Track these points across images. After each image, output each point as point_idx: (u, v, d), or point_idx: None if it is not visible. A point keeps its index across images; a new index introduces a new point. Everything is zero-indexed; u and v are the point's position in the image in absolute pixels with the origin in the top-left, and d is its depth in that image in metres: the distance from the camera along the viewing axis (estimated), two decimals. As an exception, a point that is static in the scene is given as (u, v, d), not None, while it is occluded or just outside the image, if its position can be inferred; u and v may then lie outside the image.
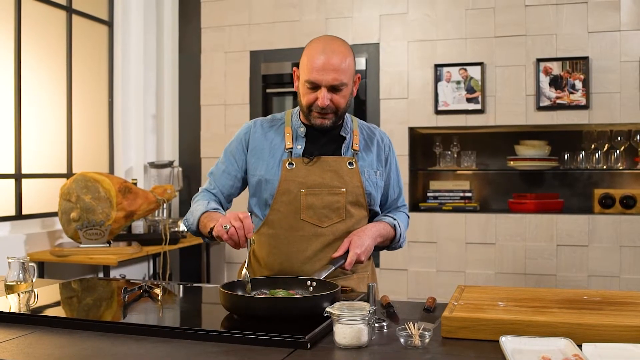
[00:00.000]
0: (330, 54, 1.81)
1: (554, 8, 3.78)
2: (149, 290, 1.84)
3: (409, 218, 2.15)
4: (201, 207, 1.90)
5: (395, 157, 2.08)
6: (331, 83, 1.81)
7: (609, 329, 1.32)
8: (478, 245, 3.86)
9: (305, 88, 1.85)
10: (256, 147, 1.96)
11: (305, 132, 1.94)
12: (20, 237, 3.41)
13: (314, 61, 1.81)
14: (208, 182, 2.04)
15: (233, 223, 1.65)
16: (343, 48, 1.85)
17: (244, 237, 1.65)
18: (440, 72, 3.96)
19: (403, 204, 2.12)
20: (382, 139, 2.04)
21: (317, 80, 1.81)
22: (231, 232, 1.64)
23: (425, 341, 1.33)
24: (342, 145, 1.95)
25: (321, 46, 1.83)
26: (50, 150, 3.79)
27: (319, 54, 1.81)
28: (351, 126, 1.99)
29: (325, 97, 1.82)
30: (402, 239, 2.03)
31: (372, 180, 1.96)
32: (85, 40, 4.07)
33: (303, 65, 1.86)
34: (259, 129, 1.98)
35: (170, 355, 1.28)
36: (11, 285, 1.84)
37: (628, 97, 3.68)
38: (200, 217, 1.87)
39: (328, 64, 1.80)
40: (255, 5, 4.30)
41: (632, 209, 3.77)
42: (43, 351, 1.31)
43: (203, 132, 4.44)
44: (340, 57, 1.82)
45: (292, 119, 1.98)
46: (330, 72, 1.80)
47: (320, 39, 1.87)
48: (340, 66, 1.81)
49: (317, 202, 1.88)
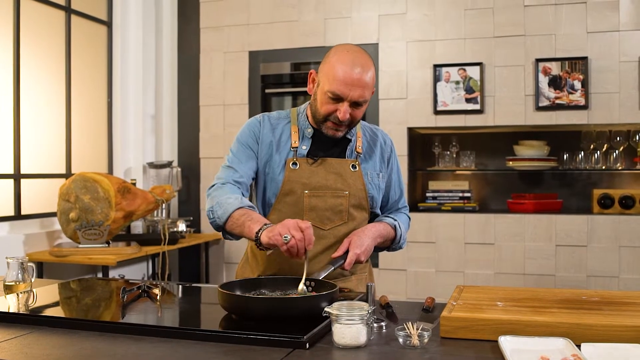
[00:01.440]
0: (360, 68, 1.75)
1: (553, 8, 3.78)
2: (148, 291, 1.84)
3: (410, 219, 2.14)
4: (234, 200, 1.77)
5: (396, 158, 2.07)
6: (356, 99, 1.77)
7: (608, 329, 1.32)
8: (477, 245, 3.86)
9: (326, 97, 1.78)
10: (265, 141, 1.92)
11: (312, 133, 1.92)
12: (19, 237, 3.41)
13: (341, 73, 1.74)
14: (231, 171, 1.88)
15: (294, 233, 1.57)
16: (370, 63, 1.79)
17: (304, 249, 1.59)
18: (439, 72, 3.96)
19: (404, 205, 2.12)
20: (384, 141, 2.04)
21: (343, 94, 1.75)
22: (291, 243, 1.57)
23: (424, 341, 1.33)
24: (346, 147, 1.94)
25: (350, 58, 1.76)
26: (49, 150, 3.79)
27: (348, 67, 1.74)
28: (355, 128, 1.98)
29: (347, 111, 1.77)
30: (403, 240, 2.02)
31: (374, 183, 1.96)
32: (84, 41, 4.07)
33: (328, 73, 1.78)
34: (267, 123, 1.95)
35: (169, 355, 1.28)
36: (10, 285, 1.85)
37: (627, 97, 3.68)
38: (233, 213, 1.75)
39: (356, 80, 1.74)
40: (254, 6, 4.30)
41: (631, 209, 3.78)
42: (42, 351, 1.31)
43: (202, 132, 4.44)
44: (367, 72, 1.77)
45: (298, 117, 1.95)
46: (357, 88, 1.75)
47: (349, 50, 1.79)
48: (366, 82, 1.76)
49: (320, 204, 1.87)
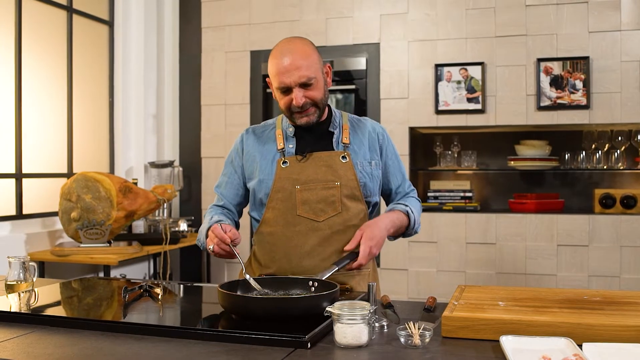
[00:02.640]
0: (288, 55, 1.84)
1: (555, 8, 3.78)
2: (150, 290, 1.85)
3: (420, 202, 2.14)
4: (205, 224, 1.94)
5: (391, 144, 2.07)
6: (299, 81, 1.83)
7: (609, 329, 1.32)
8: (478, 245, 3.86)
9: (279, 93, 1.88)
10: (249, 152, 2.00)
11: (294, 131, 1.96)
12: (20, 237, 3.41)
13: (276, 66, 1.85)
14: (216, 197, 2.08)
15: (213, 241, 1.76)
16: (300, 45, 1.87)
17: (228, 248, 1.74)
18: (441, 71, 3.95)
19: (411, 188, 2.12)
20: (374, 129, 2.04)
21: (285, 83, 1.84)
22: (215, 250, 1.77)
23: (425, 341, 1.33)
24: (332, 140, 1.96)
25: (278, 50, 1.87)
26: (50, 149, 3.79)
27: (279, 57, 1.85)
28: (340, 121, 2.01)
29: (298, 96, 1.84)
30: (417, 225, 2.04)
31: (366, 172, 1.96)
32: (86, 40, 4.07)
33: (270, 73, 1.89)
34: (251, 135, 2.03)
35: (171, 354, 1.28)
36: (12, 285, 1.85)
37: (628, 97, 3.67)
38: (207, 235, 1.89)
39: (289, 65, 1.82)
40: (255, 5, 4.30)
41: (632, 209, 3.77)
42: (43, 350, 1.31)
43: (203, 132, 4.44)
44: (300, 54, 1.84)
45: (282, 122, 2.01)
46: (293, 71, 1.83)
47: (278, 44, 1.90)
48: (302, 63, 1.83)
49: (312, 197, 1.89)
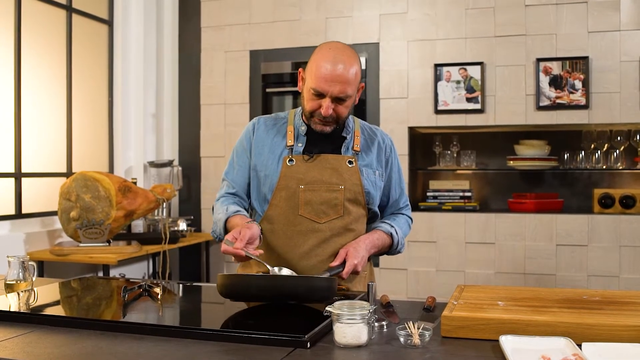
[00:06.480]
0: (341, 64, 1.78)
1: (554, 8, 3.78)
2: (149, 290, 1.84)
3: (411, 220, 2.14)
4: (222, 215, 1.90)
5: (397, 158, 2.08)
6: (337, 95, 1.80)
7: (609, 329, 1.32)
8: (478, 244, 3.86)
9: (310, 94, 1.84)
10: (258, 143, 1.98)
11: (307, 131, 1.95)
12: (20, 236, 3.41)
13: (321, 70, 1.79)
14: (226, 185, 2.01)
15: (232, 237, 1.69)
16: (352, 59, 1.82)
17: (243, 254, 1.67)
18: (440, 71, 3.96)
19: (406, 204, 2.12)
20: (383, 140, 2.04)
21: (323, 90, 1.80)
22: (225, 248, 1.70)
23: (425, 340, 1.33)
24: (342, 145, 1.96)
25: (331, 55, 1.80)
26: (50, 149, 3.79)
27: (329, 64, 1.78)
28: (353, 127, 2.00)
29: (329, 107, 1.81)
30: (401, 245, 2.04)
31: (370, 180, 1.96)
32: (85, 40, 4.07)
33: (311, 71, 1.83)
34: (262, 125, 2.00)
35: (170, 354, 1.28)
36: (11, 284, 1.85)
37: (628, 97, 3.68)
38: (225, 226, 1.88)
39: (337, 76, 1.78)
40: (255, 5, 4.30)
41: (631, 208, 3.77)
42: (43, 350, 1.31)
43: (203, 131, 4.44)
44: (349, 68, 1.80)
45: (294, 118, 1.99)
46: (337, 83, 1.79)
47: (331, 47, 1.84)
48: (347, 78, 1.80)
49: (315, 198, 1.89)
